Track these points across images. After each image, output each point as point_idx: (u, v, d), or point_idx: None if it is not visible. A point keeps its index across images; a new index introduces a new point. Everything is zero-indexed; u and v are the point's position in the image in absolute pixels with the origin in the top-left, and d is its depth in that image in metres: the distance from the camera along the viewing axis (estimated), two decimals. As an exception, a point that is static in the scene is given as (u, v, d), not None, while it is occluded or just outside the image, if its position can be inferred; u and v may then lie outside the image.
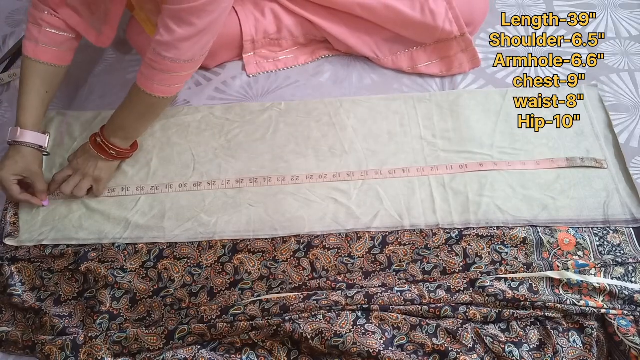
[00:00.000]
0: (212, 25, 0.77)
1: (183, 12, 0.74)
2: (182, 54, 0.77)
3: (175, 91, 0.84)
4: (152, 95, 0.81)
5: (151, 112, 0.87)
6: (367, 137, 0.95)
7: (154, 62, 0.78)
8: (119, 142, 0.86)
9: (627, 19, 1.13)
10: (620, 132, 0.94)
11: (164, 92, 0.82)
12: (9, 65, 1.10)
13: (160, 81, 0.80)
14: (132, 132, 0.88)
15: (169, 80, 0.80)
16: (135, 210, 0.87)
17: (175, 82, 0.82)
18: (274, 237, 0.84)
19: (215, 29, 0.79)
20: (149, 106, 0.84)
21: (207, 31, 0.77)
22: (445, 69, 1.03)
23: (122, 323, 0.77)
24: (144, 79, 0.80)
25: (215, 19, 0.77)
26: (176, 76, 0.80)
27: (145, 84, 0.80)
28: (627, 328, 0.72)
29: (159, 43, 0.76)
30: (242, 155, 0.93)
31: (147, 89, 0.81)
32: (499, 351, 0.70)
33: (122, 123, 0.85)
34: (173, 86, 0.82)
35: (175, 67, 0.78)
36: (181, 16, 0.74)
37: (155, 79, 0.80)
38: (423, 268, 0.80)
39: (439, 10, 0.97)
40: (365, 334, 0.71)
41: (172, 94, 0.84)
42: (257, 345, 0.73)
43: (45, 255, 0.83)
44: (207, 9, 0.74)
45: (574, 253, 0.81)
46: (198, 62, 0.82)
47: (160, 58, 0.77)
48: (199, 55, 0.80)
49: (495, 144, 0.93)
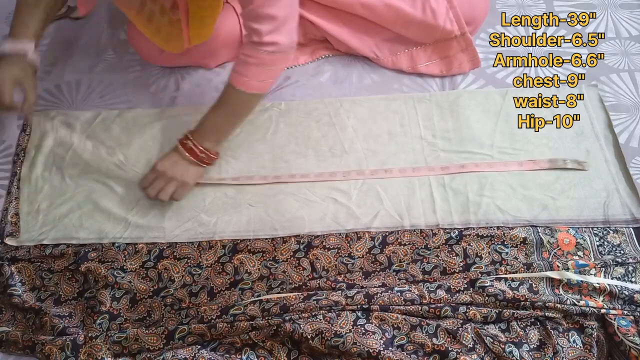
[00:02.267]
0: (290, 11, 0.77)
1: (259, 8, 0.74)
2: (279, 47, 0.77)
3: (267, 87, 0.84)
4: (247, 92, 0.81)
5: (244, 111, 0.87)
6: (367, 137, 0.95)
7: (249, 56, 0.78)
8: (211, 145, 0.86)
9: (627, 19, 1.13)
10: (620, 132, 0.94)
11: (258, 88, 0.82)
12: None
13: (254, 76, 0.80)
14: (224, 134, 0.89)
15: (263, 74, 0.80)
16: (135, 210, 0.87)
17: (269, 76, 0.82)
18: (274, 237, 0.84)
19: (294, 14, 0.79)
20: (241, 104, 0.85)
21: (289, 18, 0.77)
22: (445, 68, 1.03)
23: (122, 323, 0.77)
24: (238, 76, 0.81)
25: (289, 4, 0.76)
26: (269, 70, 0.81)
27: (241, 80, 0.80)
28: (627, 328, 0.72)
29: (253, 44, 0.77)
30: (242, 155, 0.93)
31: (242, 86, 0.80)
32: (499, 351, 0.70)
33: (214, 125, 0.86)
34: (266, 81, 0.82)
35: (269, 59, 0.78)
36: (259, 13, 0.75)
37: (249, 74, 0.80)
38: (423, 268, 0.80)
39: (440, 10, 0.97)
40: (365, 334, 0.71)
41: (265, 90, 0.84)
42: (257, 345, 0.73)
43: (45, 255, 0.83)
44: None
45: (574, 253, 0.81)
46: (290, 54, 0.81)
47: (255, 52, 0.78)
48: (292, 43, 0.80)
49: (495, 144, 0.93)
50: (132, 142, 0.95)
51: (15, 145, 0.97)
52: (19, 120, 1.00)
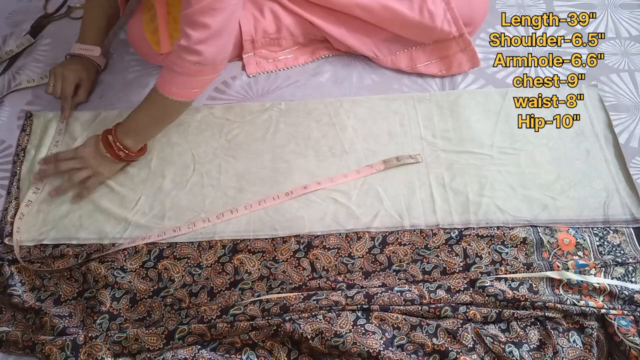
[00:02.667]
0: (226, 25, 0.77)
1: (195, 14, 0.74)
2: (203, 58, 0.77)
3: (193, 96, 0.84)
4: (170, 98, 0.81)
5: (167, 116, 0.87)
6: (367, 137, 0.95)
7: (175, 64, 0.79)
8: (130, 143, 0.86)
9: (627, 19, 1.13)
10: (620, 132, 0.94)
11: (182, 96, 0.82)
12: (8, 66, 1.10)
13: (179, 84, 0.80)
14: (145, 135, 0.88)
15: (188, 83, 0.81)
16: (135, 210, 0.87)
17: (194, 86, 0.82)
18: (274, 237, 0.84)
19: (230, 29, 0.79)
20: (165, 109, 0.85)
21: (222, 32, 0.77)
22: (444, 68, 1.03)
23: (122, 323, 0.77)
24: (164, 81, 0.81)
25: (228, 18, 0.77)
26: (195, 80, 0.81)
27: (165, 86, 0.81)
28: (627, 328, 0.72)
29: (181, 48, 0.77)
30: (242, 155, 0.93)
31: (165, 91, 0.81)
32: (499, 351, 0.70)
33: (136, 125, 0.86)
34: (191, 90, 0.82)
35: (195, 70, 0.79)
36: (195, 19, 0.75)
37: (174, 82, 0.80)
38: (423, 268, 0.80)
39: (437, 11, 0.97)
40: (365, 334, 0.71)
41: (190, 98, 0.84)
42: (257, 345, 0.73)
43: (46, 255, 0.83)
44: (217, 6, 0.74)
45: (574, 253, 0.81)
46: (218, 67, 0.81)
47: (181, 61, 0.78)
48: (219, 58, 0.80)
49: (495, 144, 0.93)
50: (132, 142, 0.95)
51: (15, 145, 0.97)
52: (19, 121, 1.00)
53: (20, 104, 1.03)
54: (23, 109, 1.02)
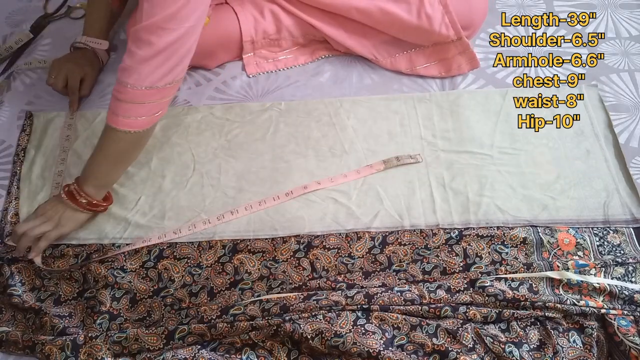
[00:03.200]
0: (173, 47, 0.73)
1: (142, 31, 0.71)
2: (143, 79, 0.73)
3: (142, 125, 0.77)
4: (119, 130, 0.76)
5: (121, 152, 0.80)
6: (367, 137, 0.95)
7: (118, 92, 0.74)
8: (91, 190, 0.81)
9: (627, 19, 1.13)
10: (620, 132, 0.94)
11: (130, 126, 0.76)
12: (8, 66, 1.10)
13: (124, 112, 0.75)
14: (104, 179, 0.82)
15: (133, 110, 0.75)
16: (135, 210, 0.87)
17: (140, 113, 0.76)
18: (274, 237, 0.84)
19: (180, 53, 0.74)
20: (117, 144, 0.78)
21: (167, 53, 0.72)
22: (443, 70, 1.03)
23: (122, 323, 0.77)
24: (111, 113, 0.76)
25: (177, 40, 0.72)
26: (140, 106, 0.75)
27: (112, 118, 0.76)
28: (627, 328, 0.72)
29: (121, 69, 0.73)
30: (242, 155, 0.93)
31: (113, 123, 0.76)
32: (499, 351, 0.70)
33: (92, 168, 0.80)
34: (138, 118, 0.76)
35: (137, 94, 0.74)
36: (140, 36, 0.71)
37: (119, 111, 0.75)
38: (423, 268, 0.80)
39: (435, 15, 0.97)
40: (365, 334, 0.71)
41: (139, 128, 0.77)
42: (257, 345, 0.73)
43: (46, 255, 0.83)
44: (166, 26, 0.71)
45: (574, 253, 0.81)
46: (163, 91, 0.76)
47: (122, 86, 0.73)
48: (162, 82, 0.74)
49: (495, 144, 0.93)
50: (132, 142, 0.95)
51: (15, 145, 0.97)
52: (19, 121, 1.00)
53: (20, 104, 1.03)
54: (23, 109, 1.02)
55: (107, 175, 0.82)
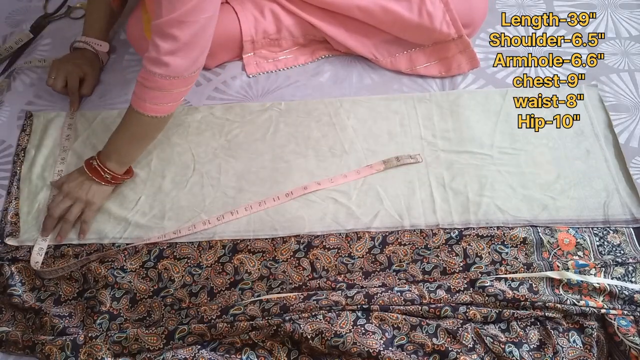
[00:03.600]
0: (196, 38, 0.76)
1: (165, 26, 0.73)
2: (171, 70, 0.76)
3: (167, 110, 0.82)
4: (145, 114, 0.80)
5: (145, 133, 0.85)
6: (367, 137, 0.95)
7: (145, 79, 0.77)
8: (115, 166, 0.84)
9: (627, 19, 1.13)
10: (620, 132, 0.94)
11: (156, 111, 0.80)
12: (8, 66, 1.10)
13: (152, 99, 0.79)
14: (127, 156, 0.86)
15: (160, 98, 0.79)
16: (135, 210, 0.87)
17: (167, 100, 0.80)
18: (274, 237, 0.84)
19: (202, 43, 0.78)
20: (143, 127, 0.83)
21: (192, 45, 0.76)
22: (444, 70, 1.03)
23: (122, 323, 0.77)
24: (137, 98, 0.80)
25: (198, 31, 0.75)
26: (167, 94, 0.79)
27: (138, 103, 0.79)
28: (627, 328, 0.72)
29: (148, 60, 0.76)
30: (242, 155, 0.93)
31: (140, 108, 0.79)
32: (499, 351, 0.70)
33: (116, 146, 0.84)
34: (165, 105, 0.80)
35: (165, 84, 0.77)
36: (164, 30, 0.73)
37: (147, 98, 0.79)
38: (423, 268, 0.80)
39: (436, 13, 0.97)
40: (365, 334, 0.71)
41: (165, 113, 0.82)
42: (257, 345, 0.73)
43: (47, 256, 0.83)
44: (187, 19, 0.73)
45: (574, 253, 0.81)
46: (188, 79, 0.80)
47: (150, 75, 0.76)
48: (188, 72, 0.78)
49: (495, 144, 0.93)
50: (132, 142, 0.95)
51: (15, 145, 0.97)
52: (19, 121, 1.00)
53: (20, 104, 1.03)
54: (23, 109, 1.02)
55: (130, 154, 0.87)
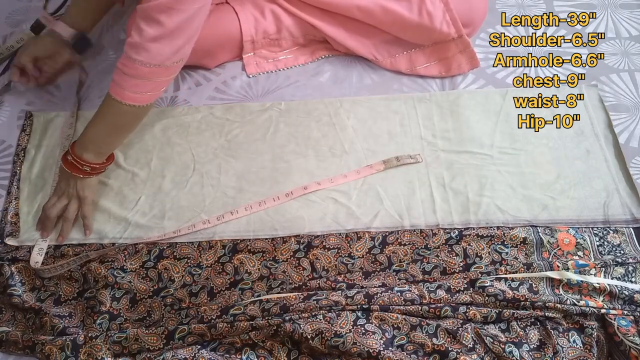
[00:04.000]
0: (183, 27, 0.74)
1: (152, 10, 0.72)
2: (152, 57, 0.74)
3: (147, 100, 0.79)
4: (123, 103, 0.77)
5: (123, 123, 0.82)
6: (367, 137, 0.95)
7: (125, 66, 0.75)
8: (92, 157, 0.81)
9: (627, 19, 1.13)
10: (620, 132, 0.94)
11: (136, 100, 0.78)
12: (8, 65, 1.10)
13: (131, 87, 0.76)
14: (104, 146, 0.83)
15: (140, 86, 0.77)
16: (135, 210, 0.87)
17: (147, 89, 0.77)
18: (274, 237, 0.84)
19: (188, 33, 0.76)
20: (122, 116, 0.80)
21: (177, 33, 0.74)
22: (444, 70, 1.03)
23: (122, 323, 0.77)
24: (115, 85, 0.77)
25: (186, 20, 0.74)
26: (148, 82, 0.77)
27: (116, 91, 0.77)
28: (627, 328, 0.72)
29: (130, 45, 0.74)
30: (242, 155, 0.93)
31: (118, 96, 0.77)
32: (499, 351, 0.70)
33: (93, 136, 0.81)
34: (145, 94, 0.78)
35: (145, 71, 0.75)
36: (150, 14, 0.72)
37: (126, 85, 0.76)
38: (423, 268, 0.80)
39: (436, 13, 0.97)
40: (365, 334, 0.71)
41: (144, 102, 0.79)
42: (257, 345, 0.73)
43: (47, 256, 0.83)
44: (176, 7, 0.72)
45: (574, 253, 0.81)
46: (171, 69, 0.78)
47: (130, 62, 0.74)
48: (170, 60, 0.76)
49: (495, 144, 0.93)
50: (131, 142, 0.95)
51: (15, 145, 0.97)
52: (19, 121, 1.00)
53: (20, 104, 1.03)
54: (23, 109, 1.02)
55: (107, 143, 0.84)
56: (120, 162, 0.93)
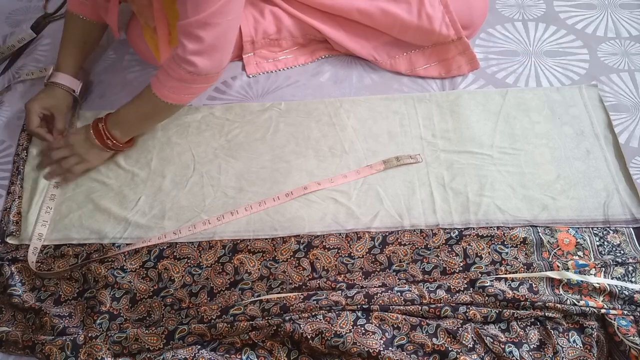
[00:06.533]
0: (219, 41, 0.78)
1: (190, 27, 0.76)
2: (197, 69, 0.79)
3: (185, 100, 0.86)
4: (161, 99, 0.83)
5: (157, 115, 0.89)
6: (367, 137, 0.95)
7: (170, 68, 0.80)
8: (118, 134, 0.87)
9: (627, 19, 1.13)
10: (620, 132, 0.94)
11: (174, 100, 0.84)
12: (8, 65, 1.10)
13: (171, 88, 0.82)
14: (133, 129, 0.90)
15: (181, 89, 0.82)
16: (135, 210, 0.87)
17: (186, 92, 0.83)
18: (274, 237, 0.84)
19: (225, 46, 0.81)
20: (156, 109, 0.86)
21: (216, 47, 0.78)
22: (443, 71, 1.03)
23: (122, 323, 0.77)
24: (157, 82, 0.82)
25: (222, 33, 0.78)
26: (188, 87, 0.82)
27: (158, 87, 0.82)
28: (627, 328, 0.72)
29: (177, 57, 0.79)
30: (242, 155, 0.93)
31: (158, 92, 0.82)
32: (499, 351, 0.70)
33: (126, 117, 0.87)
34: (184, 95, 0.84)
35: (189, 78, 0.80)
36: (189, 30, 0.76)
37: (167, 85, 0.82)
38: (423, 268, 0.80)
39: (436, 15, 0.97)
40: (365, 334, 0.71)
41: (182, 102, 0.85)
42: (257, 345, 0.73)
43: (46, 256, 0.83)
44: (211, 21, 0.75)
45: (574, 253, 0.81)
46: (211, 78, 0.83)
47: (176, 65, 0.79)
48: (213, 71, 0.81)
49: (495, 144, 0.93)
50: (132, 142, 0.95)
51: (15, 145, 0.97)
52: (19, 121, 1.00)
53: (20, 104, 1.03)
54: (23, 109, 1.02)
55: (137, 127, 0.91)
56: (120, 162, 0.93)
